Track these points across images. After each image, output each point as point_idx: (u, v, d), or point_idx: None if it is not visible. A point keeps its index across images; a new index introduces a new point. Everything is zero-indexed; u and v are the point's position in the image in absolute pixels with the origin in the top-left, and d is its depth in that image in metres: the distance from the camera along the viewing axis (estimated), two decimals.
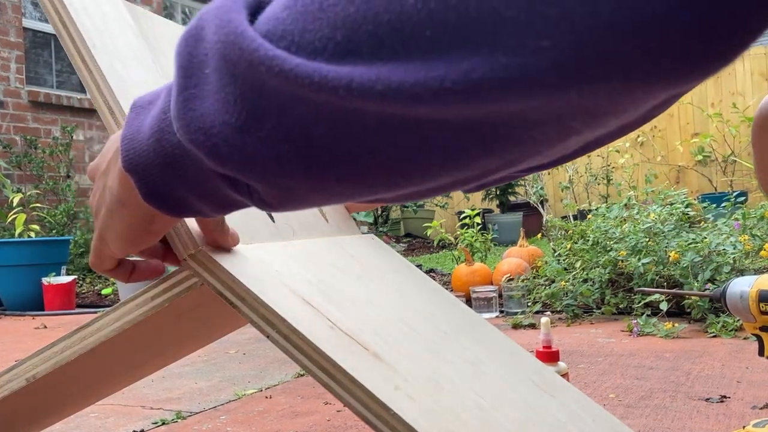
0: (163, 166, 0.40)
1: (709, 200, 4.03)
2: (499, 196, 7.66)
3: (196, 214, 0.44)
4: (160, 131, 0.39)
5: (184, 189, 0.41)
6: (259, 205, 0.39)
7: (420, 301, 0.76)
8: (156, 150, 0.40)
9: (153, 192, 0.42)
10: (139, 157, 0.41)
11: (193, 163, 0.38)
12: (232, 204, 0.41)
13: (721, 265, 2.19)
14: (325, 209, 0.81)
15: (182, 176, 0.40)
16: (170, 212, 0.43)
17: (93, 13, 0.64)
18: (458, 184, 0.35)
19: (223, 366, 1.93)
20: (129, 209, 0.46)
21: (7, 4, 5.51)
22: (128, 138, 0.42)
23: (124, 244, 0.49)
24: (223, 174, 0.37)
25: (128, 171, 0.42)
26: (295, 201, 0.37)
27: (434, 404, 0.55)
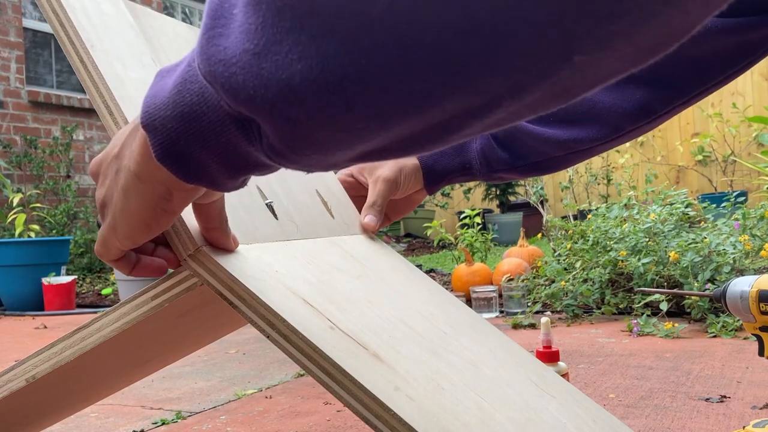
0: (180, 117, 0.40)
1: (709, 200, 4.04)
2: (499, 196, 7.66)
3: (209, 177, 0.43)
4: (183, 82, 0.40)
5: (198, 144, 0.41)
6: (270, 154, 0.39)
7: (420, 301, 0.76)
8: (176, 102, 0.40)
9: (168, 149, 0.42)
10: (158, 110, 0.41)
11: (210, 111, 0.39)
12: (244, 163, 0.41)
13: (721, 265, 2.19)
14: (331, 204, 0.81)
15: (198, 127, 0.40)
16: (183, 174, 0.43)
17: (91, 12, 0.64)
18: (470, 114, 0.33)
19: (223, 366, 1.93)
20: (146, 184, 0.46)
21: (7, 4, 5.51)
22: (150, 96, 0.43)
23: (138, 229, 0.49)
24: (237, 117, 0.38)
25: (146, 127, 0.42)
26: (304, 143, 0.37)
27: (434, 404, 0.55)
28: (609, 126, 0.84)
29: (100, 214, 0.51)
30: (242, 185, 0.47)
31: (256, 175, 0.44)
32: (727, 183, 6.25)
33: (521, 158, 0.87)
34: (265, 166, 0.42)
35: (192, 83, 0.40)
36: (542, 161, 0.88)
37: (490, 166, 0.88)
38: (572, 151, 0.86)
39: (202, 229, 0.57)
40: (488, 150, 0.87)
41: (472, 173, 0.89)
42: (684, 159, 7.11)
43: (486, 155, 0.87)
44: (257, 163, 0.41)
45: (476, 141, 0.88)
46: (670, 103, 0.83)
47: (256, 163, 0.41)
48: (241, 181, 0.46)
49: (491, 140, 0.87)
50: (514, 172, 0.89)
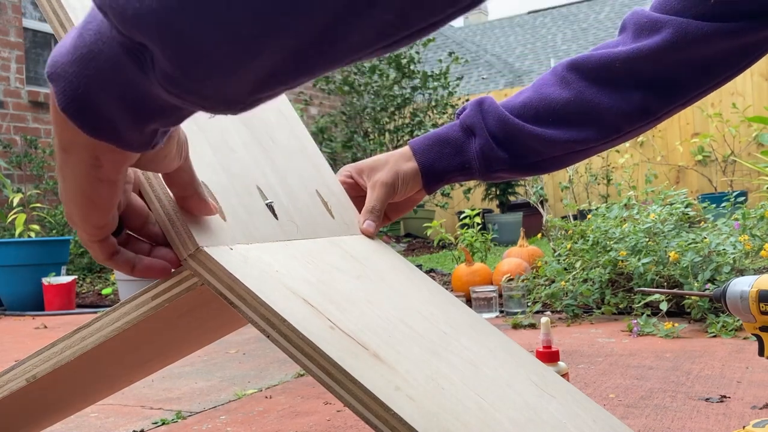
0: (79, 59, 0.40)
1: (709, 200, 4.04)
2: (499, 196, 7.66)
3: (112, 127, 0.42)
4: (84, 25, 0.40)
5: (96, 84, 0.40)
6: (165, 84, 0.38)
7: (420, 301, 0.76)
8: (76, 45, 0.40)
9: (69, 95, 0.41)
10: (61, 57, 0.41)
11: (105, 47, 0.38)
12: (143, 103, 0.40)
13: (721, 265, 2.19)
14: (331, 204, 0.81)
15: (95, 66, 0.39)
16: (86, 123, 0.42)
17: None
18: (353, 10, 0.33)
19: (223, 366, 1.93)
20: (72, 154, 0.44)
21: (7, 4, 5.51)
22: (56, 49, 0.42)
23: (85, 206, 0.47)
24: (129, 47, 0.37)
25: (49, 77, 0.41)
26: (194, 62, 0.36)
27: (434, 404, 0.55)
28: (608, 127, 0.85)
29: None
30: (152, 142, 0.45)
31: (162, 123, 0.43)
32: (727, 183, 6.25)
33: (521, 158, 0.88)
34: (166, 108, 0.41)
35: (91, 23, 0.39)
36: (541, 161, 0.88)
37: (490, 166, 0.88)
38: (571, 151, 0.87)
39: (177, 200, 0.56)
40: (487, 150, 0.87)
41: (471, 173, 0.89)
42: (684, 159, 7.11)
43: (485, 155, 0.87)
44: (158, 103, 0.40)
45: (475, 141, 0.88)
46: (668, 105, 0.84)
47: (157, 103, 0.40)
48: (149, 134, 0.44)
49: (490, 140, 0.87)
50: (513, 171, 0.89)
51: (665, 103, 0.83)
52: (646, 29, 0.82)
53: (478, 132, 0.88)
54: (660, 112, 0.84)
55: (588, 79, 0.84)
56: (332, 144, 7.32)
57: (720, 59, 0.80)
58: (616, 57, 0.83)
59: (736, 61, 0.81)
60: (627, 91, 0.83)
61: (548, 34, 14.19)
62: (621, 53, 0.82)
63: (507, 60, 13.12)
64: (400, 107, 7.32)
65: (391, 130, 7.35)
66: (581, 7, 15.25)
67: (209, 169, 0.62)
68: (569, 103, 0.85)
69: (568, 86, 0.85)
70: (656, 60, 0.80)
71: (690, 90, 0.83)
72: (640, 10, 0.85)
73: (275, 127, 0.81)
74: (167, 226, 0.56)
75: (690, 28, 0.78)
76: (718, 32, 0.77)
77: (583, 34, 13.35)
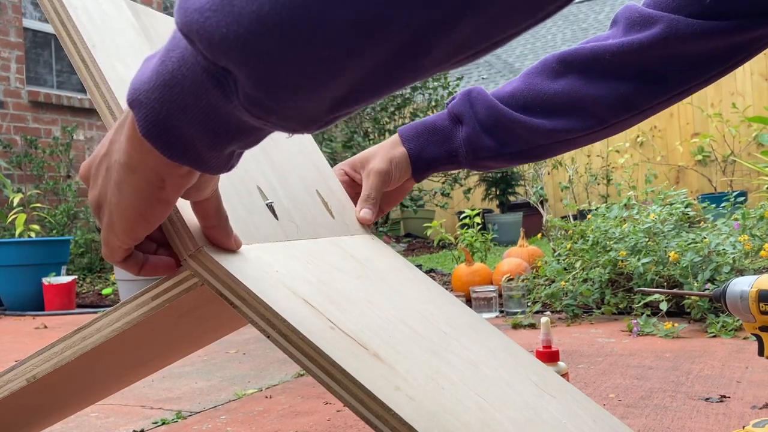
0: (162, 86, 0.41)
1: (709, 200, 4.04)
2: (499, 196, 7.66)
3: (192, 151, 0.43)
4: (166, 52, 0.41)
5: (178, 110, 0.41)
6: (247, 105, 0.39)
7: (420, 301, 0.76)
8: (159, 72, 0.41)
9: (151, 120, 0.42)
10: (143, 84, 0.42)
11: (189, 72, 0.39)
12: (225, 126, 0.41)
13: (720, 265, 2.19)
14: (331, 204, 0.81)
15: (179, 92, 0.40)
16: (167, 149, 0.43)
17: (93, 12, 0.64)
18: (434, 29, 0.34)
19: (223, 366, 1.94)
20: (138, 173, 0.46)
21: (7, 4, 5.51)
22: (137, 76, 0.43)
23: (136, 222, 0.49)
24: (213, 72, 0.38)
25: (131, 104, 0.43)
26: (278, 83, 0.37)
27: (434, 404, 0.55)
28: (592, 117, 0.86)
29: (96, 216, 0.51)
30: (229, 164, 0.46)
31: (240, 145, 0.44)
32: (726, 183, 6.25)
33: (507, 146, 0.89)
34: (247, 129, 0.42)
35: (173, 51, 0.40)
36: (528, 149, 0.89)
37: (476, 154, 0.89)
38: (556, 140, 0.88)
39: (202, 228, 0.57)
40: (474, 137, 0.88)
41: (458, 161, 0.90)
42: (684, 159, 7.11)
43: (472, 143, 0.88)
44: (239, 125, 0.41)
45: (462, 129, 0.89)
46: (652, 100, 0.85)
47: (238, 125, 0.41)
48: (227, 156, 0.45)
49: (478, 128, 0.88)
50: (499, 159, 0.90)
51: (650, 98, 0.85)
52: (638, 24, 0.82)
53: (466, 120, 0.89)
54: (644, 105, 0.85)
55: (577, 70, 0.85)
56: (332, 144, 7.32)
57: (708, 57, 0.81)
58: (606, 49, 0.84)
59: (725, 60, 0.82)
60: (613, 82, 0.84)
61: (548, 34, 14.19)
62: (611, 46, 0.83)
63: (507, 60, 13.12)
64: (400, 107, 7.32)
65: (391, 130, 7.35)
66: (581, 7, 15.25)
67: None
68: (557, 93, 0.86)
69: (558, 77, 0.86)
70: (645, 54, 0.81)
71: (676, 86, 0.84)
72: (633, 5, 0.86)
73: None
74: (167, 226, 0.56)
75: (681, 25, 0.79)
76: (708, 30, 0.78)
77: (583, 34, 13.35)
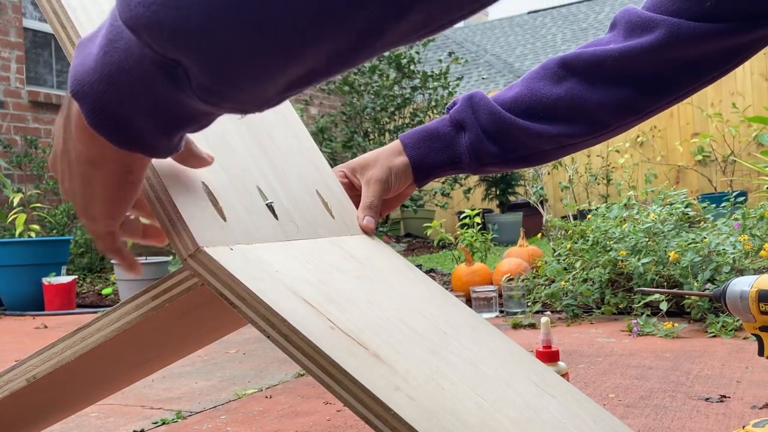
0: (108, 77, 0.40)
1: (709, 200, 4.04)
2: (499, 196, 7.66)
3: (143, 140, 0.43)
4: (108, 42, 0.40)
5: (128, 101, 0.41)
6: (201, 95, 0.38)
7: (420, 301, 0.76)
8: (103, 63, 0.40)
9: (99, 112, 0.42)
10: (86, 75, 0.41)
11: (136, 64, 0.39)
12: (176, 115, 0.41)
13: (720, 265, 2.19)
14: (331, 204, 0.81)
15: (126, 83, 0.40)
16: (117, 139, 0.43)
17: (92, 11, 0.64)
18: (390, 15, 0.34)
19: (223, 366, 1.94)
20: (104, 168, 0.46)
21: (7, 4, 5.51)
22: (77, 65, 0.42)
23: (114, 205, 0.49)
24: (162, 64, 0.38)
25: (75, 95, 0.42)
26: (232, 71, 0.36)
27: (434, 404, 0.55)
28: (597, 122, 0.86)
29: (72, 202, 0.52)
30: (177, 147, 0.46)
31: (190, 130, 0.44)
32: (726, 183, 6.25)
33: (511, 152, 0.89)
34: (198, 115, 0.42)
35: (117, 42, 0.40)
36: (532, 154, 0.89)
37: (480, 160, 0.89)
38: (561, 145, 0.88)
39: (175, 160, 0.57)
40: (477, 144, 0.88)
41: (460, 167, 0.90)
42: (684, 159, 7.11)
43: (475, 149, 0.88)
44: (190, 112, 0.41)
45: (465, 136, 0.89)
46: (655, 103, 0.85)
47: (189, 112, 0.41)
48: (177, 141, 0.45)
49: (481, 134, 0.88)
50: (503, 165, 0.90)
51: (653, 101, 0.85)
52: (639, 28, 0.82)
53: (469, 126, 0.88)
54: (647, 109, 0.86)
55: (579, 75, 0.85)
56: (332, 144, 7.32)
57: (710, 59, 0.82)
58: (608, 55, 0.84)
59: (726, 61, 0.82)
60: (616, 87, 0.84)
61: (548, 34, 14.19)
62: (613, 51, 0.83)
63: (507, 60, 13.12)
64: (400, 107, 7.32)
65: (391, 130, 7.35)
66: (581, 7, 15.25)
67: (209, 169, 0.62)
68: (560, 99, 0.86)
69: (560, 82, 0.86)
70: (648, 58, 0.81)
71: (678, 88, 0.84)
72: (632, 8, 0.86)
73: (275, 127, 0.81)
74: (167, 227, 0.56)
75: (682, 29, 0.79)
76: (710, 33, 0.78)
77: (583, 34, 13.35)
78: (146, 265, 3.70)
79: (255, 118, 0.77)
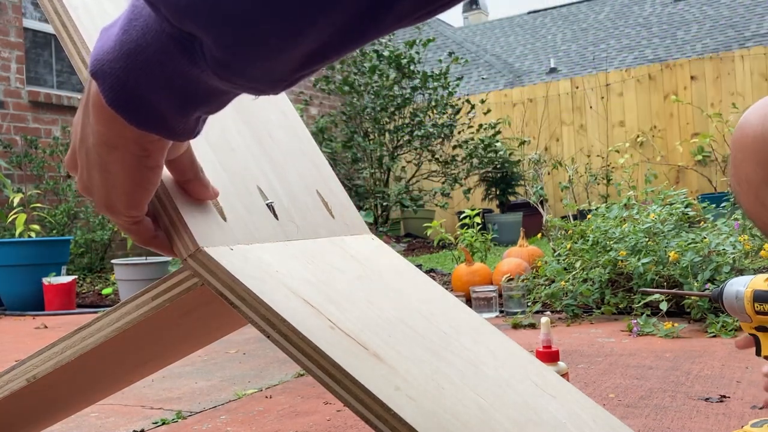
0: (126, 55, 0.41)
1: (709, 200, 4.03)
2: (499, 196, 7.66)
3: (160, 119, 0.43)
4: (128, 22, 0.41)
5: (144, 77, 0.41)
6: (215, 68, 0.39)
7: (420, 301, 0.76)
8: (122, 41, 0.41)
9: (118, 90, 0.42)
10: (106, 55, 0.42)
11: (154, 40, 0.39)
12: (192, 91, 0.41)
13: (720, 265, 2.19)
14: (331, 204, 0.81)
15: (143, 60, 0.40)
16: (135, 117, 0.43)
17: (94, 11, 0.64)
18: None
19: (223, 366, 1.94)
20: (121, 149, 0.46)
21: (7, 4, 5.51)
22: (98, 48, 0.43)
23: (134, 193, 0.49)
24: (179, 38, 0.38)
25: (95, 74, 0.42)
26: (246, 44, 0.37)
27: (434, 404, 0.55)
28: None
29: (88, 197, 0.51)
30: (195, 130, 0.46)
31: (206, 109, 0.44)
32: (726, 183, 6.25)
33: None
34: (214, 93, 0.42)
35: (136, 20, 0.40)
36: None
37: None
38: None
39: (179, 183, 0.57)
40: None
41: None
42: (684, 159, 7.11)
43: None
44: (205, 89, 0.41)
45: None
46: None
47: (205, 90, 0.41)
48: (194, 122, 0.45)
49: None
50: None
51: None
52: None
53: None
54: None
55: None
56: (332, 144, 7.32)
57: None
58: None
59: None
60: None
61: (548, 34, 14.18)
62: None
63: (507, 60, 13.12)
64: (400, 107, 7.31)
65: (391, 130, 7.35)
66: (581, 7, 15.24)
67: (210, 169, 0.62)
68: None
69: None
70: None
71: None
72: None
73: (276, 127, 0.81)
74: (168, 227, 0.56)
75: None
76: None
77: (583, 34, 13.35)
78: (146, 265, 3.70)
79: (256, 117, 0.77)
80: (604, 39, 12.56)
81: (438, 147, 7.43)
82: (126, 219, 0.51)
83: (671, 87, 7.40)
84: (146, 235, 0.54)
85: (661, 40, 11.52)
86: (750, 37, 10.30)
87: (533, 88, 8.30)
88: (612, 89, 7.72)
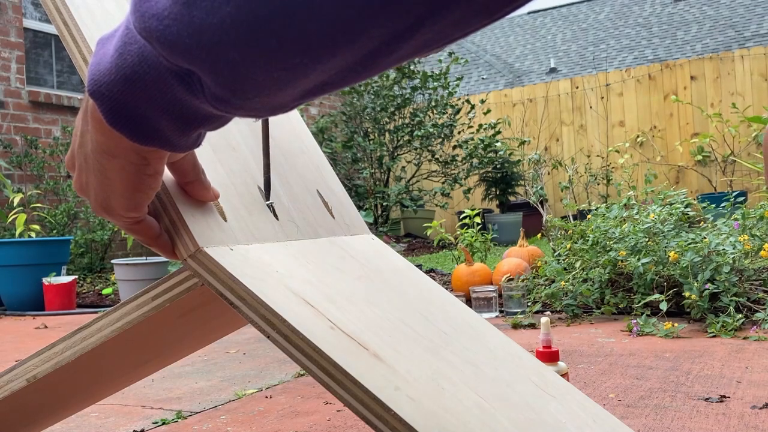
0: (124, 80, 0.41)
1: (709, 200, 4.04)
2: (499, 196, 7.66)
3: (161, 137, 0.44)
4: (123, 45, 0.41)
5: (144, 102, 0.41)
6: (214, 103, 0.39)
7: (420, 301, 0.76)
8: (118, 65, 0.41)
9: (117, 112, 0.42)
10: (103, 76, 0.42)
11: (151, 69, 0.39)
12: (192, 116, 0.42)
13: (720, 265, 2.19)
14: (331, 204, 0.81)
15: (142, 87, 0.41)
16: (136, 136, 0.43)
17: (95, 10, 0.64)
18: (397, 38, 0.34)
19: (223, 366, 1.94)
20: (120, 157, 0.46)
21: (7, 4, 5.51)
22: (94, 65, 0.43)
23: (133, 196, 0.49)
24: (177, 71, 0.38)
25: (93, 95, 0.43)
26: (244, 86, 0.37)
27: (434, 404, 0.55)
28: None
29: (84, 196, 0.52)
30: (196, 143, 0.47)
31: (207, 128, 0.44)
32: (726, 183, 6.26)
33: None
34: (214, 117, 0.42)
35: (131, 45, 0.40)
36: None
37: None
38: None
39: (181, 185, 0.57)
40: None
41: None
42: (684, 159, 7.11)
43: None
44: (205, 115, 0.42)
45: None
46: None
47: (204, 115, 0.42)
48: (195, 138, 0.46)
49: None
50: None
51: None
52: None
53: None
54: None
55: None
56: (332, 144, 7.32)
57: None
58: None
59: None
60: None
61: (548, 34, 14.18)
62: None
63: (507, 60, 13.12)
64: (400, 107, 7.32)
65: (391, 130, 7.35)
66: (581, 7, 15.25)
67: (210, 168, 0.62)
68: None
69: None
70: None
71: None
72: None
73: (277, 127, 0.81)
74: (168, 227, 0.56)
75: None
76: None
77: (583, 34, 13.35)
78: (146, 265, 3.70)
79: None
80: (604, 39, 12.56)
81: (438, 147, 7.43)
82: (126, 220, 0.52)
83: (671, 87, 7.40)
84: (150, 234, 0.54)
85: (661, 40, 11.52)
86: (750, 37, 10.31)
87: (533, 88, 8.30)
88: (612, 89, 7.73)
